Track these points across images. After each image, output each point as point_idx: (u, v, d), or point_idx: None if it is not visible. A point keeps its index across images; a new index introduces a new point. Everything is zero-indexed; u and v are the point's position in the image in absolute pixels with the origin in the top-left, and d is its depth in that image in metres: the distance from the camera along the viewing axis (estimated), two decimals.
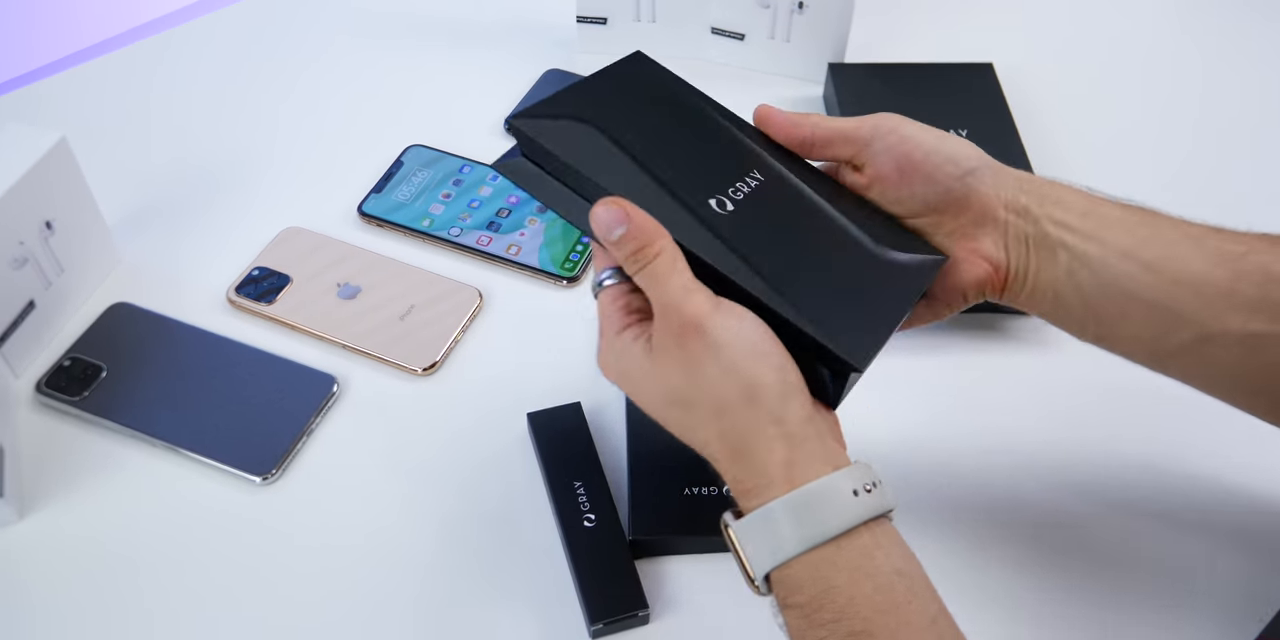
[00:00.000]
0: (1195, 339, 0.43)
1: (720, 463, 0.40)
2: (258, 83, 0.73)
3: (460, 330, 0.59)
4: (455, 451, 0.55)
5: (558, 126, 0.42)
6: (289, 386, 0.56)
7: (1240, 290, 0.42)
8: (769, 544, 0.38)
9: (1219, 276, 0.43)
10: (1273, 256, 0.43)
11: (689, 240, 0.40)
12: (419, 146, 0.67)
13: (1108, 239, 0.43)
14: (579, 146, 0.42)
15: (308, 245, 0.62)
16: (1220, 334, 0.42)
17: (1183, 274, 0.43)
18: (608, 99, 0.44)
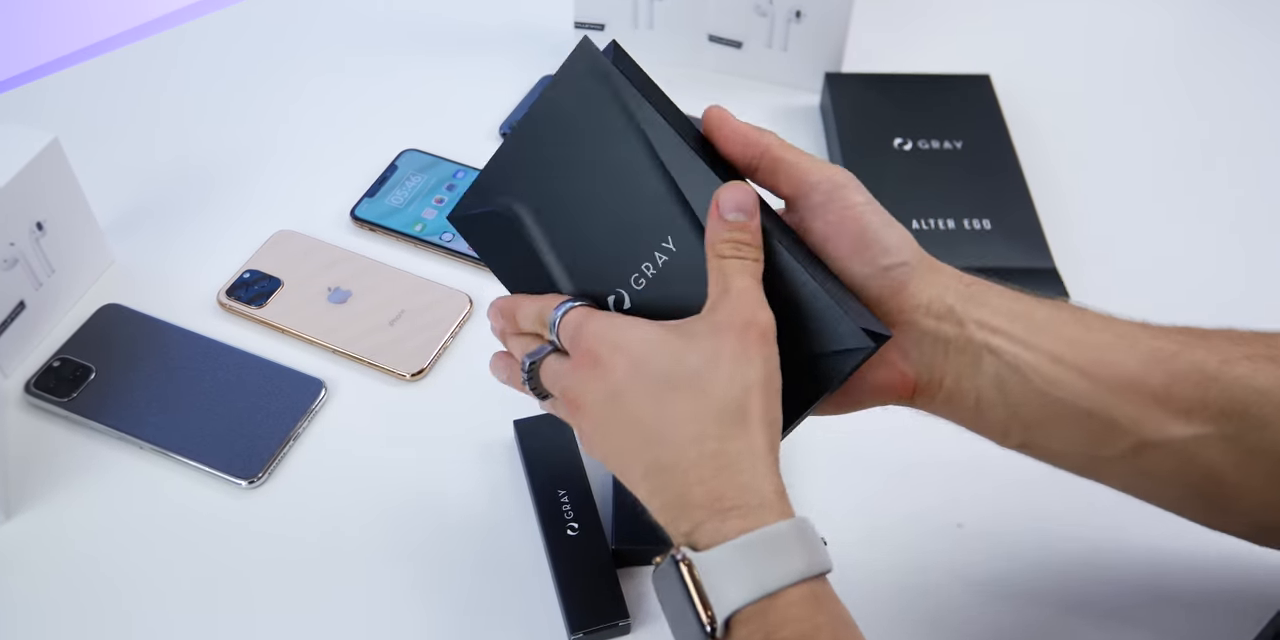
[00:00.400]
0: (1133, 447, 0.41)
1: (693, 469, 0.36)
2: (252, 85, 0.73)
3: (449, 336, 0.59)
4: (441, 458, 0.55)
5: (482, 221, 0.43)
6: (277, 390, 0.56)
7: (1177, 394, 0.41)
8: (770, 566, 0.35)
9: (1155, 380, 0.41)
10: (1205, 353, 0.42)
11: None
12: (413, 151, 0.67)
13: (1039, 343, 0.41)
14: (497, 247, 0.43)
15: (300, 249, 0.62)
16: (1160, 442, 0.41)
17: (1118, 379, 0.41)
18: (536, 154, 0.42)
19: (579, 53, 0.40)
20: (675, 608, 0.36)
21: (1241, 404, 0.41)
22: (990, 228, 0.62)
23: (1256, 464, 0.41)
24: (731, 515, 0.35)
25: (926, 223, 0.62)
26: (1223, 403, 0.41)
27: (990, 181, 0.65)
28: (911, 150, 0.66)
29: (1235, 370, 0.41)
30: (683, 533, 0.36)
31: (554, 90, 0.41)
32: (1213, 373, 0.41)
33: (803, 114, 0.73)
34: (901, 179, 0.65)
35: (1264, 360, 0.42)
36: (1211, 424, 0.41)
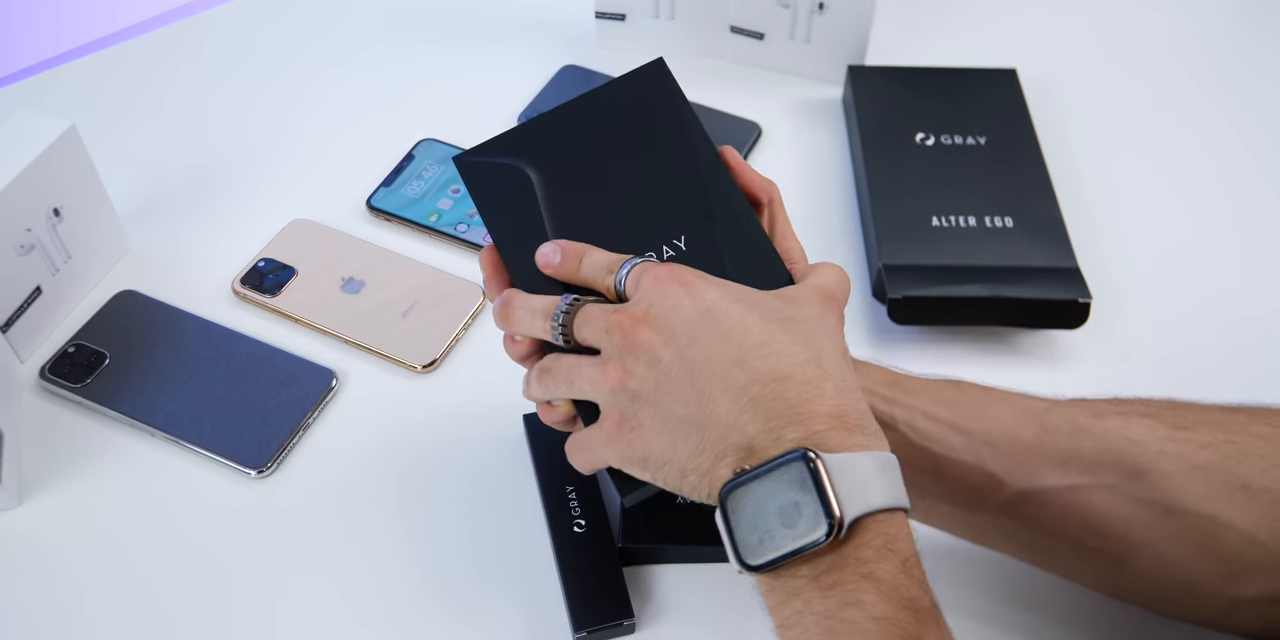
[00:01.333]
0: (1011, 499, 0.42)
1: (814, 383, 0.36)
2: (270, 74, 0.73)
3: (462, 328, 0.59)
4: (450, 451, 0.54)
5: (493, 170, 0.43)
6: (289, 379, 0.56)
7: (1050, 444, 0.42)
8: (898, 484, 0.36)
9: (1028, 432, 0.42)
10: (1079, 409, 0.43)
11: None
12: (431, 141, 0.67)
13: (913, 403, 0.43)
14: (498, 201, 0.42)
15: (315, 238, 0.62)
16: (1036, 491, 0.42)
17: (991, 433, 0.43)
18: (575, 129, 0.43)
19: (653, 66, 0.43)
20: (781, 505, 0.35)
21: (1115, 453, 0.42)
22: (1012, 226, 0.61)
23: (1143, 514, 0.41)
24: (856, 433, 0.36)
25: (947, 220, 0.61)
26: (1097, 452, 0.42)
27: (1013, 178, 0.63)
28: (934, 145, 0.65)
29: (1107, 422, 0.43)
30: (791, 439, 0.36)
31: (617, 86, 0.44)
32: (1084, 425, 0.43)
33: (824, 107, 0.72)
34: (923, 174, 0.63)
35: (1138, 416, 0.43)
36: (1088, 474, 0.42)
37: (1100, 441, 0.42)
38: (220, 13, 0.76)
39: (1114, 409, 0.44)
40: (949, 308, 0.58)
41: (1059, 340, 0.60)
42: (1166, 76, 0.75)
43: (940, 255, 0.59)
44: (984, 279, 0.58)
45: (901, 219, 0.61)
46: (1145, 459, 0.41)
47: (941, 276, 0.58)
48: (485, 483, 0.53)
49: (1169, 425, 0.42)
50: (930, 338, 0.60)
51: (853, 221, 0.66)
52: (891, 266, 0.59)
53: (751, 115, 0.70)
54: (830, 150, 0.70)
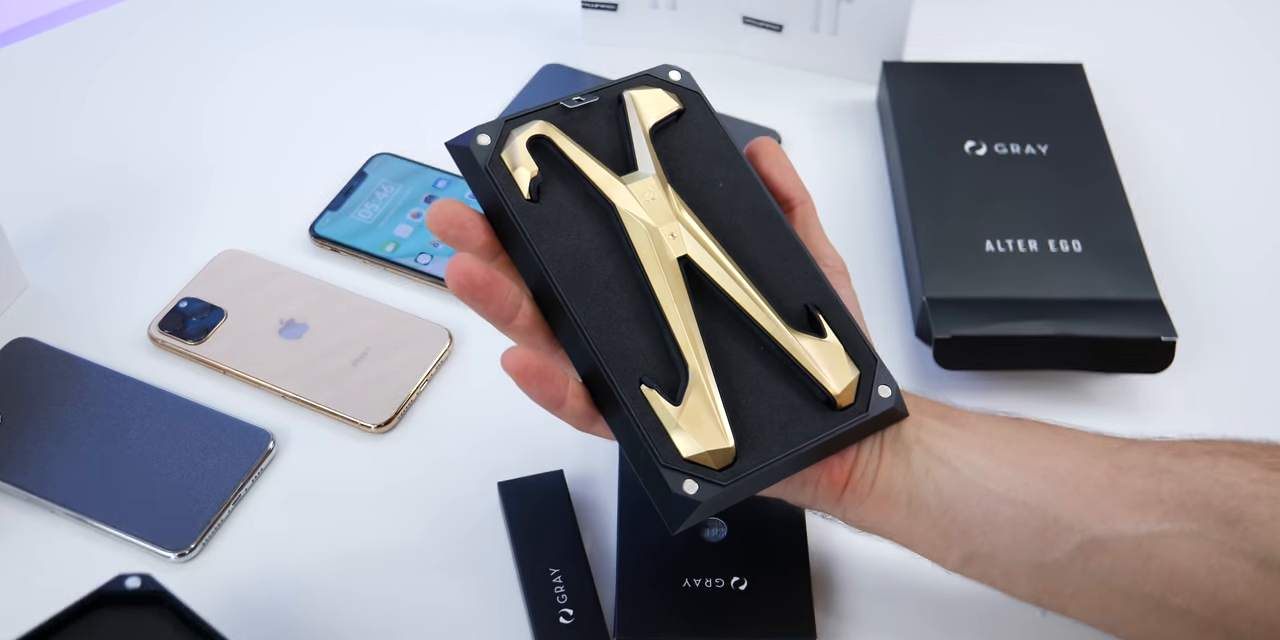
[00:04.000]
0: (1080, 547, 0.43)
1: None
2: (195, 77, 0.73)
3: (424, 379, 0.59)
4: (411, 526, 0.54)
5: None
6: (217, 443, 0.56)
7: (1125, 484, 0.43)
8: None
9: (1099, 471, 0.43)
10: (1159, 448, 0.44)
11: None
12: (385, 156, 0.68)
13: (969, 438, 0.45)
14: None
15: (248, 273, 0.62)
16: (1109, 539, 0.43)
17: (1056, 470, 0.44)
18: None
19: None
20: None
21: (1202, 496, 0.42)
22: (1081, 250, 0.61)
23: (1236, 567, 0.41)
24: None
25: (1004, 244, 0.62)
26: (1180, 495, 0.42)
27: (1082, 194, 0.64)
28: (986, 155, 0.66)
29: (1192, 462, 0.43)
30: None
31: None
32: (1165, 465, 0.43)
33: (855, 111, 0.73)
34: (974, 190, 0.64)
35: (1227, 455, 0.43)
36: (1170, 520, 0.42)
37: (1184, 483, 0.43)
38: (132, 7, 0.77)
39: (1200, 448, 0.44)
40: (1006, 349, 0.58)
41: (1138, 386, 0.60)
42: (1263, 71, 0.75)
43: (995, 286, 0.60)
44: (1048, 314, 0.58)
45: (949, 243, 0.62)
46: (1236, 503, 0.42)
47: (997, 312, 0.59)
48: (453, 564, 0.53)
49: (1264, 466, 0.43)
50: (983, 384, 0.60)
51: (890, 247, 0.66)
52: (937, 300, 0.59)
53: (768, 121, 0.71)
54: (862, 162, 0.70)
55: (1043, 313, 0.59)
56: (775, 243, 0.45)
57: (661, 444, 0.41)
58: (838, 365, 0.44)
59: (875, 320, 0.62)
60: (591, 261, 0.43)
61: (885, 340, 0.62)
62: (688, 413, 0.42)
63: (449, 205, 0.43)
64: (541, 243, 0.42)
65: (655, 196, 0.44)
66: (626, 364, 0.42)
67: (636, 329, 0.43)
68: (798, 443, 0.43)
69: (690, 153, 0.46)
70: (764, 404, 0.43)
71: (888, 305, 0.63)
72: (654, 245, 0.43)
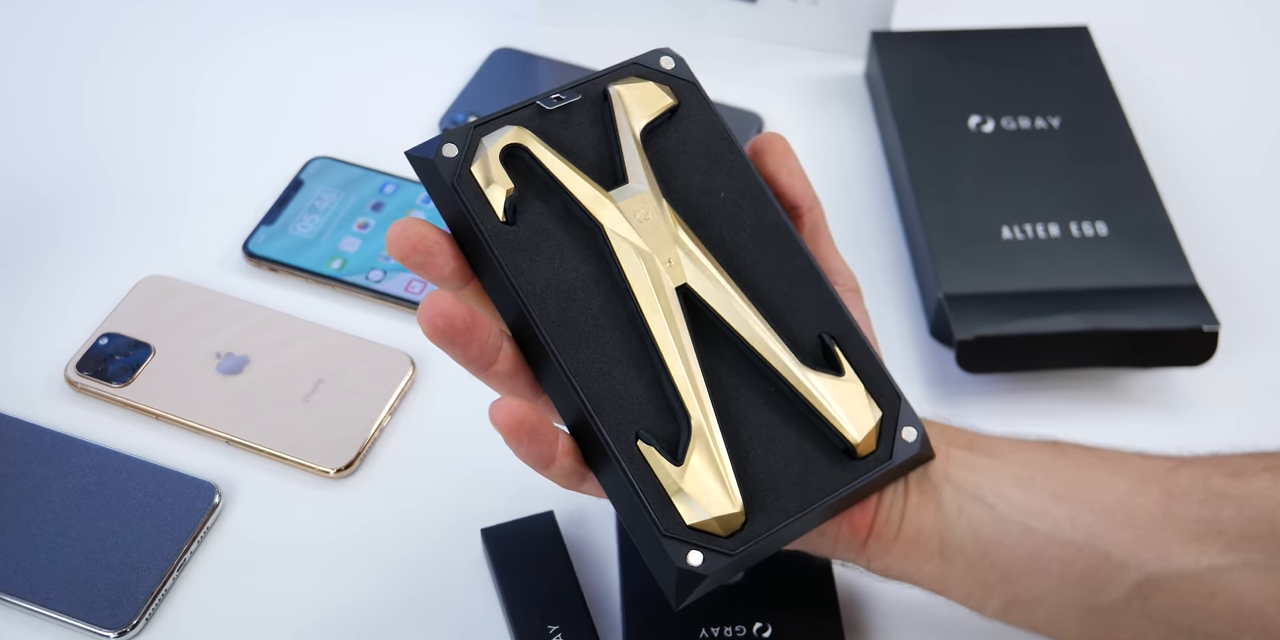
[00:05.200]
0: (1138, 586, 0.42)
1: None
2: (103, 74, 0.71)
3: (386, 413, 0.57)
4: (383, 585, 0.53)
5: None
6: (154, 500, 0.54)
7: (1180, 514, 0.42)
8: None
9: (1149, 499, 0.43)
10: (1211, 468, 0.44)
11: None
12: (324, 160, 0.66)
13: (1001, 469, 0.44)
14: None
15: (175, 301, 0.61)
16: (1168, 576, 0.42)
17: (1104, 501, 0.43)
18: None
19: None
20: None
21: (1266, 523, 0.42)
22: (1107, 233, 0.61)
23: None
24: None
25: (1021, 230, 0.61)
26: (1241, 523, 0.42)
27: (1102, 171, 0.63)
28: (994, 132, 0.65)
29: (1251, 483, 0.43)
30: None
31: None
32: (1221, 487, 0.43)
33: (842, 87, 0.72)
34: (982, 171, 0.63)
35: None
36: (1232, 551, 0.42)
37: (1244, 508, 0.42)
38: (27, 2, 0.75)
39: (1257, 465, 0.44)
40: (1035, 348, 0.57)
41: (1178, 381, 0.60)
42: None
43: (1017, 278, 0.59)
44: (1077, 307, 0.58)
45: (962, 232, 0.61)
46: None
47: (1022, 307, 0.58)
48: (434, 626, 0.51)
49: None
50: (1008, 387, 0.60)
51: (893, 238, 0.66)
52: (956, 297, 0.58)
53: (747, 103, 0.70)
54: (854, 145, 0.70)
55: (1071, 305, 0.58)
56: (786, 262, 0.44)
57: (662, 510, 0.39)
58: (857, 408, 0.42)
59: (883, 321, 0.61)
60: (577, 293, 0.41)
61: (896, 343, 0.62)
62: (691, 473, 0.40)
63: (411, 226, 0.40)
64: (520, 274, 0.40)
65: (649, 216, 0.42)
66: (621, 415, 0.40)
67: (630, 372, 0.41)
68: (814, 499, 0.41)
69: (687, 157, 0.44)
70: (775, 456, 0.41)
71: (895, 303, 0.63)
72: (649, 274, 0.41)
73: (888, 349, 0.60)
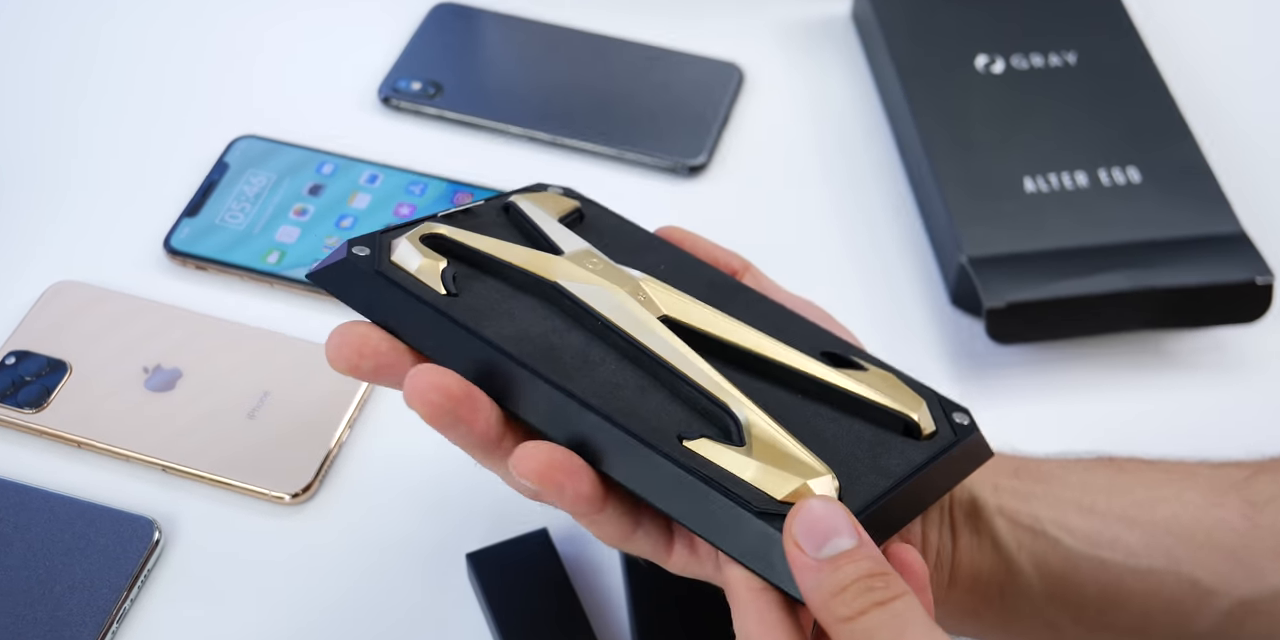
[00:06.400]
0: (1229, 613, 0.42)
1: None
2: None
3: (345, 426, 0.56)
4: (354, 622, 0.51)
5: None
6: (84, 542, 0.52)
7: (1267, 526, 0.42)
8: None
9: (1231, 513, 0.42)
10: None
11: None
12: (250, 139, 0.65)
13: (1059, 494, 0.43)
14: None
15: (91, 309, 0.59)
16: (1263, 599, 0.41)
17: (1180, 520, 0.42)
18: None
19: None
20: None
21: None
22: (1140, 180, 0.60)
23: None
24: None
25: (1046, 181, 0.60)
26: None
27: (1127, 110, 0.63)
28: (1004, 72, 0.64)
29: None
30: None
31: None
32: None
33: (828, 30, 0.70)
34: (996, 118, 0.62)
35: None
36: None
37: None
38: None
39: None
40: (1072, 312, 0.57)
41: (1230, 340, 0.60)
42: None
43: (1046, 236, 0.58)
44: (1116, 264, 0.57)
45: (980, 187, 0.60)
46: None
47: (1055, 268, 0.57)
48: None
49: None
50: (1041, 358, 0.59)
51: (900, 198, 0.65)
52: (981, 260, 0.57)
53: (725, 53, 0.69)
54: (847, 94, 0.69)
55: (1108, 263, 0.57)
56: (753, 308, 0.44)
57: (745, 491, 0.37)
58: (899, 393, 0.41)
59: (896, 292, 0.61)
60: (553, 340, 0.40)
61: (913, 316, 0.61)
62: (761, 448, 0.37)
63: (351, 330, 0.39)
64: (486, 328, 0.39)
65: (601, 265, 0.42)
66: (653, 425, 0.38)
67: (643, 393, 0.39)
68: (900, 474, 0.39)
69: (611, 246, 0.44)
70: (835, 444, 0.39)
71: (908, 272, 0.62)
72: (625, 306, 0.41)
73: (903, 322, 0.59)
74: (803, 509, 0.35)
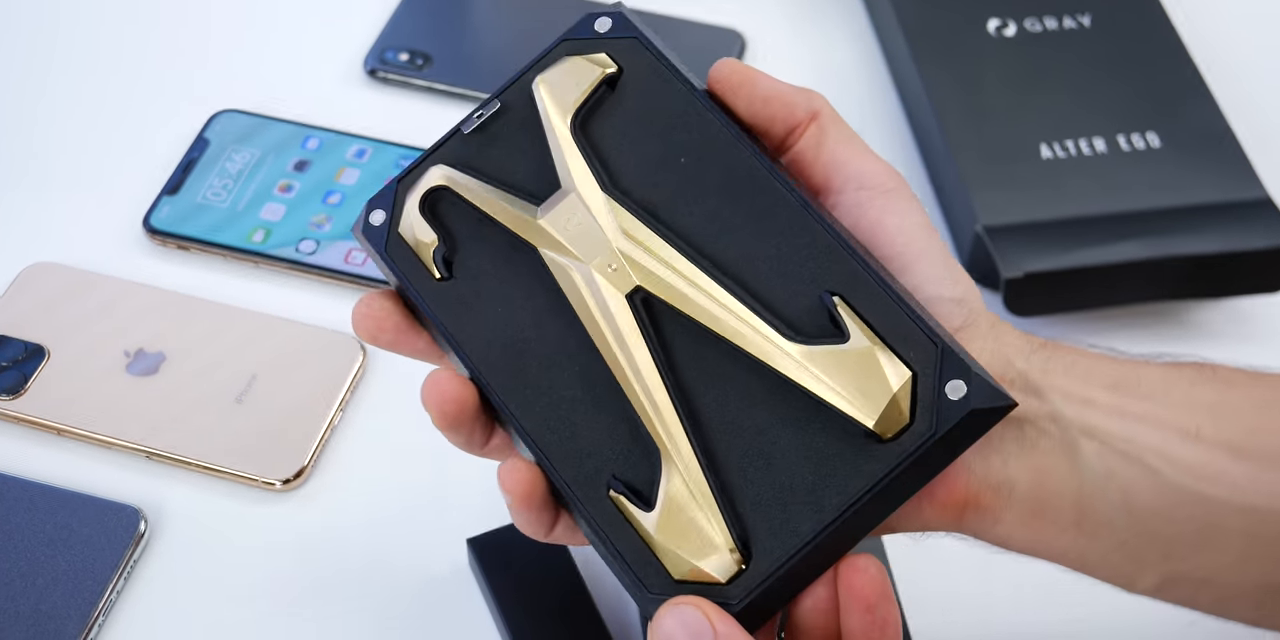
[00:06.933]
0: None
1: None
2: None
3: (336, 410, 0.55)
4: (349, 611, 0.51)
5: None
6: (67, 533, 0.51)
7: None
8: None
9: None
10: None
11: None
12: (231, 113, 0.64)
13: (1161, 415, 0.39)
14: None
15: (68, 292, 0.59)
16: None
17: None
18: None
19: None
20: None
21: None
22: (1160, 145, 0.59)
23: None
24: None
25: (1062, 147, 0.59)
26: None
27: (1145, 74, 0.62)
28: (1017, 35, 0.63)
29: None
30: None
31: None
32: None
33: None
34: (1010, 83, 0.62)
35: None
36: None
37: None
38: None
39: None
40: (1092, 282, 0.56)
41: (1254, 310, 0.60)
42: None
43: (1063, 203, 0.58)
44: (1136, 232, 0.57)
45: (995, 155, 0.60)
46: None
47: (1073, 236, 0.57)
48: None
49: None
50: (1060, 330, 0.59)
51: (909, 169, 0.64)
52: (997, 229, 0.57)
53: (726, 20, 0.69)
54: (853, 59, 0.69)
55: (1129, 231, 0.57)
56: (768, 217, 0.40)
57: (644, 567, 0.37)
58: (869, 380, 0.37)
59: None
60: (528, 335, 0.41)
61: None
62: (666, 517, 0.38)
63: (373, 303, 0.42)
64: (462, 332, 0.41)
65: (580, 221, 0.41)
66: (586, 466, 0.39)
67: (594, 413, 0.39)
68: (834, 510, 0.37)
69: (637, 127, 0.42)
70: (781, 467, 0.38)
71: None
72: (587, 293, 0.40)
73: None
74: (657, 620, 0.37)
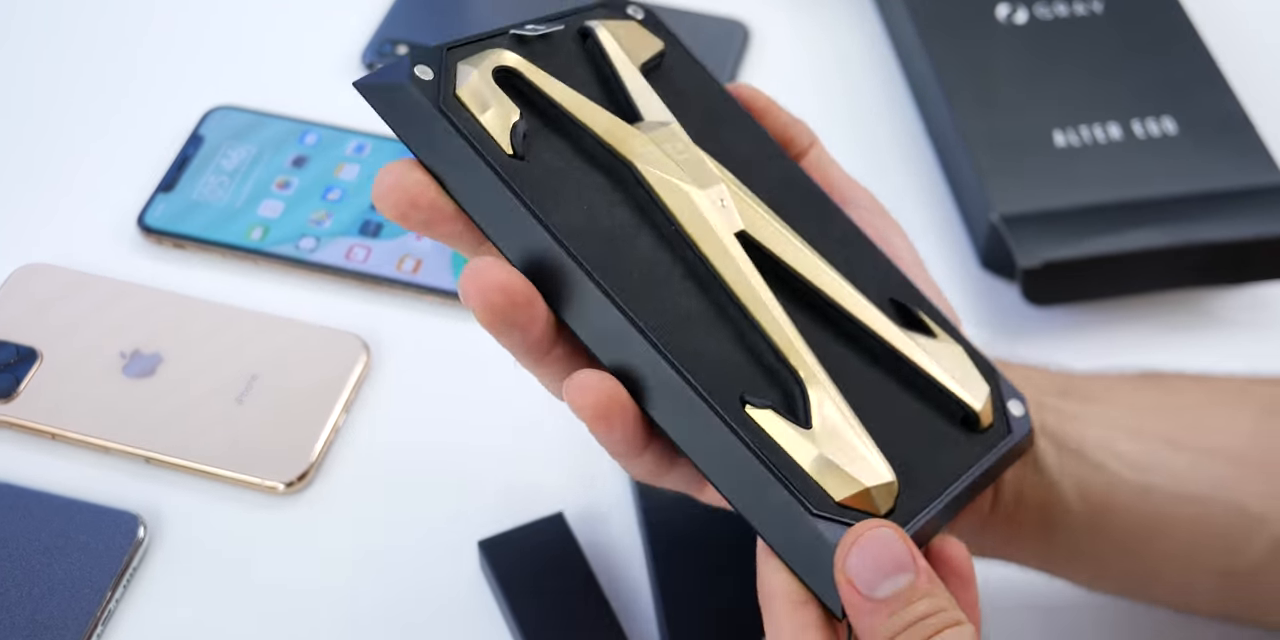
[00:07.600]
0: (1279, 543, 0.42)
1: None
2: None
3: (341, 410, 0.55)
4: (357, 618, 0.51)
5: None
6: (63, 541, 0.51)
7: None
8: None
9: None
10: None
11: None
12: (226, 110, 0.65)
13: (1105, 417, 0.43)
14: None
15: (61, 293, 0.59)
16: None
17: (1230, 447, 0.42)
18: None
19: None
20: None
21: None
22: (1176, 131, 0.60)
23: None
24: None
25: (1077, 134, 0.60)
26: None
27: (1159, 59, 0.63)
28: (1028, 22, 0.64)
29: None
30: None
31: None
32: None
33: None
34: (1022, 70, 0.62)
35: None
36: None
37: None
38: None
39: None
40: (1111, 271, 0.57)
41: (1274, 298, 0.60)
42: None
43: (1079, 191, 0.58)
44: (1153, 219, 0.57)
45: (1008, 142, 0.60)
46: None
47: (1091, 224, 0.57)
48: None
49: None
50: (1079, 320, 0.59)
51: (920, 159, 0.65)
52: (1014, 218, 0.57)
53: (728, 10, 0.69)
54: (859, 50, 0.69)
55: (1146, 218, 0.57)
56: (827, 225, 0.41)
57: (804, 485, 0.35)
58: (968, 375, 0.40)
59: (921, 255, 0.60)
60: (619, 242, 0.36)
61: (941, 279, 0.61)
62: (826, 437, 0.36)
63: (407, 175, 0.36)
64: (552, 212, 0.35)
65: (684, 151, 0.38)
66: (717, 377, 0.36)
67: (708, 329, 0.36)
68: (954, 476, 0.38)
69: (687, 110, 0.41)
70: (898, 427, 0.38)
71: (933, 233, 0.62)
72: (705, 216, 0.37)
73: (931, 281, 0.58)
74: (861, 540, 0.34)
